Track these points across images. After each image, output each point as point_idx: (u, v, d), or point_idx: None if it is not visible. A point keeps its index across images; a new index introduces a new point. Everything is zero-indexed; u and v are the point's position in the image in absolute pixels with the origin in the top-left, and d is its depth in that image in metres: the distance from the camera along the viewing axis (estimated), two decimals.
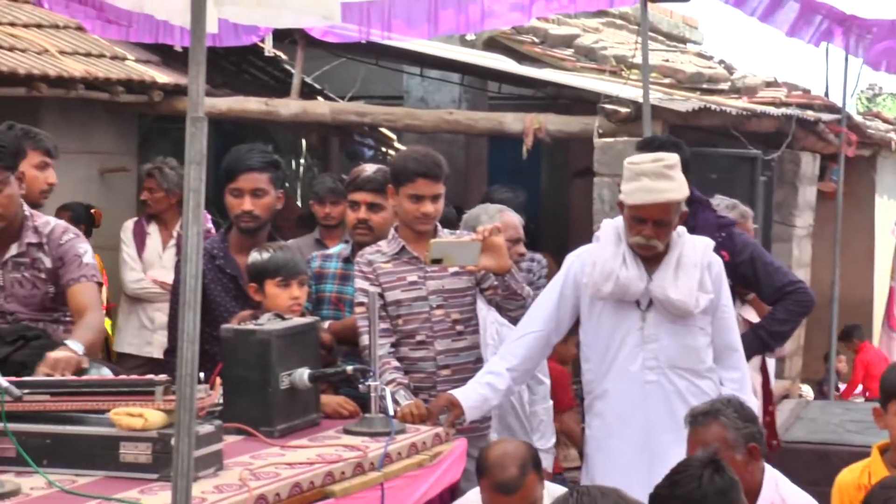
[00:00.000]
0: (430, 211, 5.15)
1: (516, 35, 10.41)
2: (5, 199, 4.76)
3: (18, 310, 4.90)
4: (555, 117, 8.61)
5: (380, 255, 5.20)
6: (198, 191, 3.46)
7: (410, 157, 5.23)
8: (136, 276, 7.97)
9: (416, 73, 11.37)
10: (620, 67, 9.70)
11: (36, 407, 4.06)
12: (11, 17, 8.79)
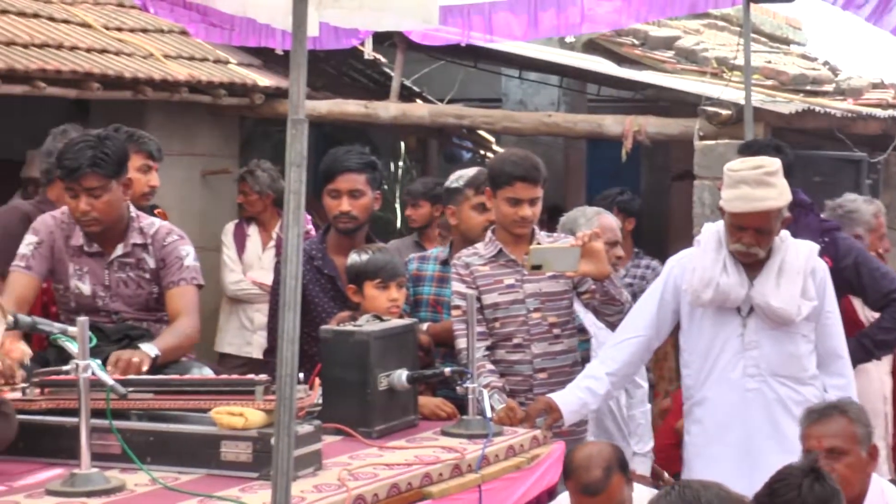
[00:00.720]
0: (527, 214, 5.14)
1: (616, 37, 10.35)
2: (103, 205, 4.85)
3: (123, 309, 4.98)
4: (655, 120, 8.55)
5: (477, 257, 5.20)
6: (298, 192, 3.50)
7: (508, 160, 5.23)
8: (235, 278, 8.08)
9: (515, 76, 11.36)
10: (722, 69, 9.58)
11: (140, 405, 4.14)
12: (118, 22, 8.95)
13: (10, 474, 4.00)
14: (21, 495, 3.77)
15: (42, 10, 8.50)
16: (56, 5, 8.74)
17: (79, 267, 4.96)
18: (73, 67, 7.76)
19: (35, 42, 7.89)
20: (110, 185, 4.84)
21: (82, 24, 8.62)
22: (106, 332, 4.78)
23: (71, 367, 3.86)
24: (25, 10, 8.38)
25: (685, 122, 8.37)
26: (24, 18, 8.25)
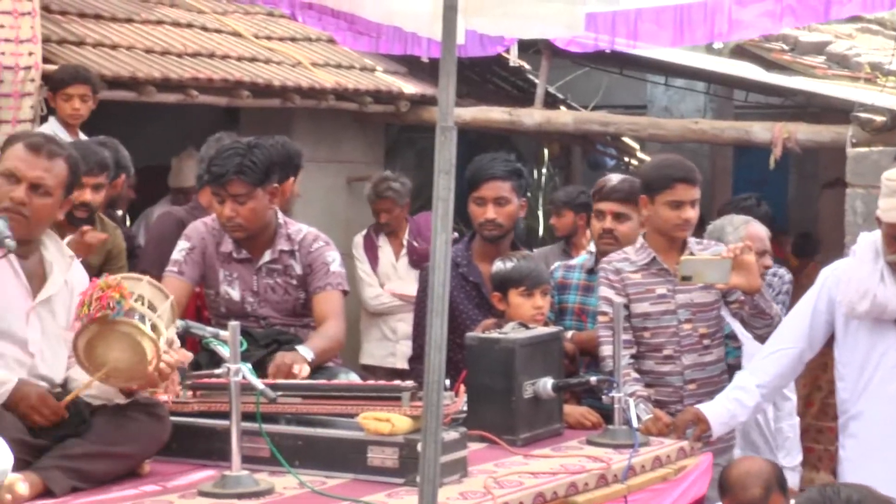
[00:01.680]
0: (690, 217, 5.05)
1: (765, 42, 10.18)
2: (248, 212, 4.93)
3: (271, 314, 5.06)
4: (805, 126, 8.37)
5: (628, 263, 5.13)
6: (446, 199, 3.50)
7: (665, 164, 5.16)
8: (374, 293, 8.09)
9: (661, 83, 11.25)
10: (875, 75, 9.35)
11: (289, 409, 4.20)
12: (268, 31, 9.10)
13: (164, 475, 4.09)
14: (174, 495, 3.85)
15: (195, 21, 8.69)
16: (209, 15, 8.92)
17: (228, 273, 5.05)
18: (225, 76, 7.91)
19: (188, 51, 8.06)
20: (255, 192, 4.91)
21: (233, 34, 8.79)
22: (255, 336, 4.86)
23: (222, 371, 3.93)
24: (180, 20, 8.57)
25: (837, 128, 8.18)
26: (179, 28, 8.45)
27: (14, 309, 4.02)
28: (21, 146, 4.07)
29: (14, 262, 4.00)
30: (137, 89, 7.46)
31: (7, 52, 6.79)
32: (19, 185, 4.01)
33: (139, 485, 3.98)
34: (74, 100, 6.49)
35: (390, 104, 9.10)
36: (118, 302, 3.81)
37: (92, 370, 3.89)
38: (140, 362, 3.85)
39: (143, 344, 3.84)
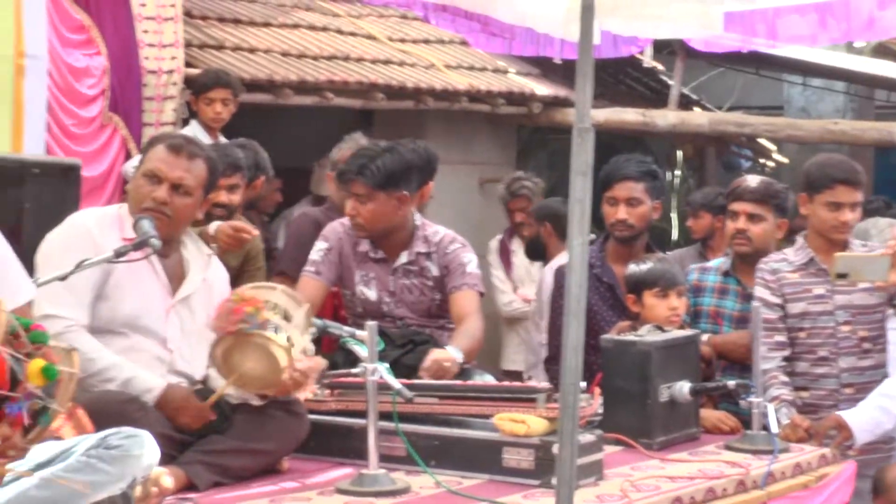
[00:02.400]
0: (848, 219, 4.96)
1: None
2: (367, 213, 4.98)
3: (407, 315, 5.09)
4: None
5: (785, 263, 5.04)
6: (582, 201, 3.49)
7: (828, 164, 5.07)
8: (507, 299, 8.09)
9: (798, 83, 11.07)
10: None
11: (425, 409, 4.22)
12: (402, 34, 9.18)
13: (302, 472, 4.16)
14: (313, 492, 3.91)
15: (331, 24, 8.80)
16: (344, 19, 9.03)
17: (365, 273, 5.10)
18: (359, 78, 8.00)
19: (324, 54, 8.17)
20: (376, 195, 4.96)
21: (368, 37, 8.88)
22: (392, 336, 4.90)
23: (360, 370, 3.97)
24: (315, 23, 8.69)
25: None
26: (315, 32, 8.57)
27: (154, 307, 4.12)
28: (162, 147, 4.17)
29: (154, 261, 4.10)
30: (274, 92, 7.58)
31: (151, 57, 6.97)
32: (161, 185, 4.11)
33: (278, 481, 4.04)
34: (216, 104, 6.62)
35: (523, 106, 9.10)
36: (252, 315, 3.90)
37: (227, 374, 3.99)
38: (274, 372, 3.94)
39: (277, 354, 3.91)
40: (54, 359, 2.83)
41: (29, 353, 2.80)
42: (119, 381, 3.94)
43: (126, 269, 4.02)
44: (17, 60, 6.22)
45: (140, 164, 4.22)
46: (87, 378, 3.91)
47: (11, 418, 2.76)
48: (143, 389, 3.97)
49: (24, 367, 2.76)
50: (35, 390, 2.78)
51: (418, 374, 4.56)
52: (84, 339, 3.93)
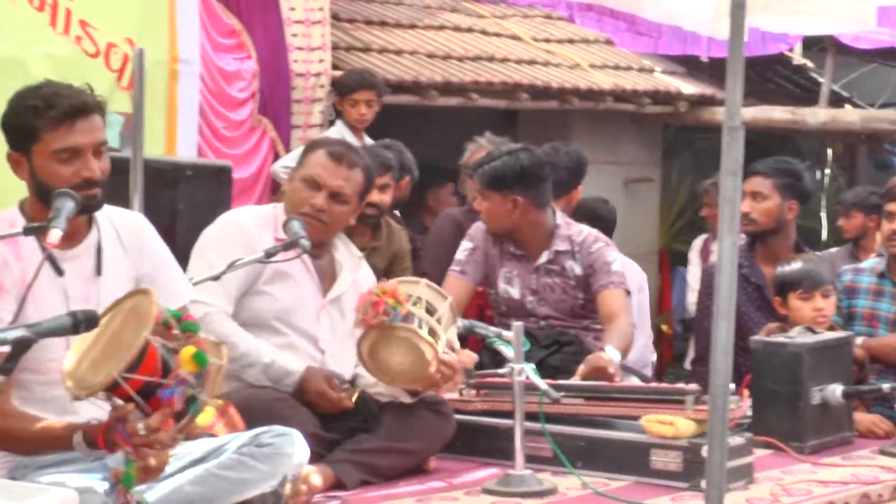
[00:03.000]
0: None
1: None
2: (484, 212, 5.05)
3: (551, 314, 5.07)
4: None
5: None
6: (733, 201, 3.43)
7: None
8: (694, 298, 7.99)
9: None
10: None
11: (571, 410, 4.20)
12: (546, 34, 9.16)
13: (449, 471, 4.17)
14: (460, 492, 3.92)
15: (475, 25, 8.82)
16: (488, 20, 9.04)
17: (508, 270, 5.10)
18: (504, 79, 8.00)
19: (469, 55, 8.19)
20: (488, 194, 5.00)
21: (512, 37, 8.87)
22: (537, 337, 4.89)
23: (506, 371, 3.97)
24: (461, 25, 8.72)
25: None
26: (459, 33, 8.60)
27: (307, 306, 4.17)
28: (323, 154, 4.20)
29: (307, 261, 4.15)
30: (420, 93, 7.63)
31: (299, 60, 7.07)
32: (320, 192, 4.15)
33: (425, 481, 4.06)
34: (360, 105, 6.68)
35: (668, 105, 9.00)
36: (393, 307, 3.91)
37: (376, 373, 4.01)
38: (420, 365, 3.94)
39: (422, 347, 3.92)
40: (205, 347, 2.88)
41: (180, 343, 2.85)
42: (260, 366, 4.00)
43: (279, 267, 4.08)
44: (171, 65, 6.36)
45: (298, 167, 4.26)
46: (229, 362, 3.97)
47: (164, 402, 2.80)
48: (284, 373, 4.02)
49: (175, 356, 2.81)
50: (187, 377, 2.82)
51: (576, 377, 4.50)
52: (226, 324, 4.00)
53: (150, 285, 3.34)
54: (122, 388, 2.75)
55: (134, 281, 3.37)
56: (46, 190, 3.18)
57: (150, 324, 2.77)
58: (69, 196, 3.08)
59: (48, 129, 3.15)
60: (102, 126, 3.21)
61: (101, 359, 2.84)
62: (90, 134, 3.17)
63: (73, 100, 3.16)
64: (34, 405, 3.20)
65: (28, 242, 3.19)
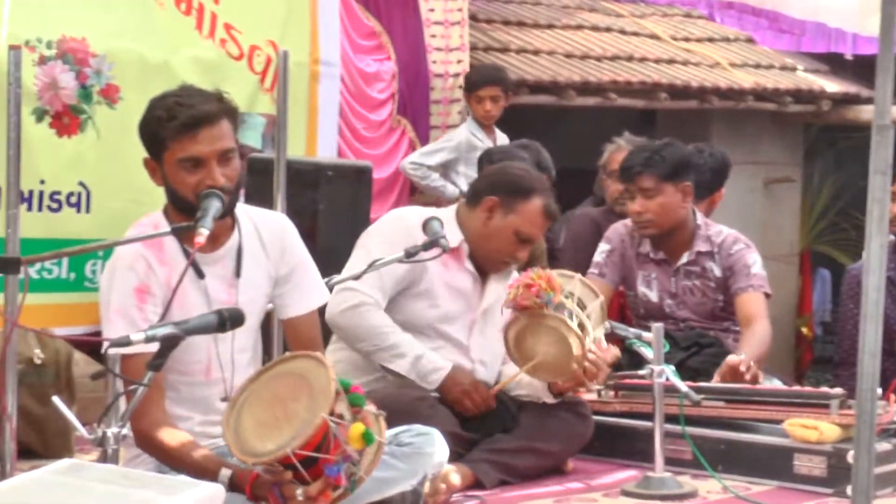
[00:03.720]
0: None
1: None
2: (657, 207, 4.94)
3: (690, 317, 5.01)
4: None
5: None
6: (881, 201, 3.33)
7: None
8: None
9: None
10: None
11: (712, 412, 4.14)
12: (686, 33, 9.04)
13: (587, 472, 4.15)
14: (598, 493, 3.90)
15: (614, 24, 8.75)
16: (627, 19, 8.96)
17: (646, 273, 5.05)
18: (643, 78, 7.92)
19: (607, 55, 8.13)
20: (663, 187, 4.89)
21: (651, 36, 8.78)
22: (676, 338, 4.83)
23: (646, 372, 3.93)
24: (599, 24, 8.66)
25: None
26: (598, 32, 8.54)
27: (461, 315, 4.18)
28: (540, 210, 4.15)
29: (470, 269, 4.15)
30: (558, 93, 7.59)
31: (438, 61, 7.09)
32: (525, 246, 4.20)
33: (563, 481, 4.05)
34: (486, 102, 6.67)
35: (811, 104, 8.81)
36: (547, 292, 3.86)
37: (521, 361, 3.97)
38: (566, 358, 3.89)
39: (570, 339, 3.87)
40: (369, 423, 2.87)
41: (342, 414, 2.84)
42: (409, 358, 4.02)
43: (440, 273, 4.09)
44: (312, 67, 6.43)
45: (509, 209, 4.14)
46: (378, 352, 4.01)
47: (330, 480, 2.81)
48: (431, 368, 4.03)
49: (343, 430, 2.80)
50: (353, 454, 2.82)
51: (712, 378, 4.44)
52: (378, 315, 4.03)
53: (287, 286, 3.39)
54: (290, 459, 2.76)
55: (272, 282, 3.41)
56: (177, 197, 3.23)
57: (328, 405, 2.77)
58: (215, 196, 3.12)
59: (172, 139, 3.19)
60: (229, 132, 3.22)
61: (270, 423, 2.84)
62: (213, 143, 3.18)
63: (194, 110, 3.17)
64: (181, 405, 3.27)
65: (172, 247, 3.25)
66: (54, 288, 5.40)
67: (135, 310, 3.17)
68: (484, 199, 4.15)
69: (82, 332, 5.31)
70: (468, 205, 4.22)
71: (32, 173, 5.14)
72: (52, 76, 5.34)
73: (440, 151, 6.72)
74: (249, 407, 2.90)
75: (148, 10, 5.68)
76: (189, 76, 5.64)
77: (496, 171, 4.34)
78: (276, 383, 2.92)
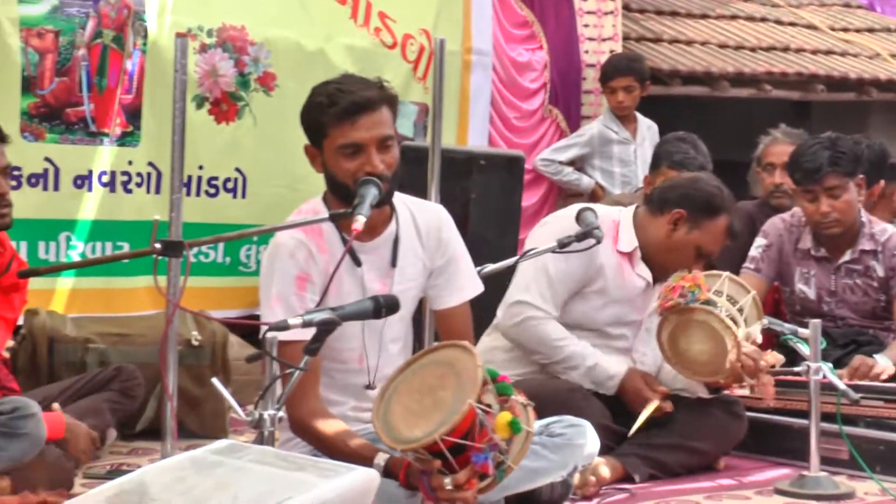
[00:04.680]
0: None
1: None
2: (843, 205, 4.75)
3: (848, 315, 4.88)
4: None
5: None
6: None
7: None
8: None
9: None
10: None
11: (870, 412, 4.03)
12: (844, 23, 8.85)
13: (739, 470, 4.08)
14: (751, 491, 3.83)
15: (769, 14, 8.61)
16: (783, 9, 8.80)
17: (805, 270, 4.93)
18: (798, 69, 7.77)
19: (762, 45, 8.00)
20: (848, 184, 4.75)
21: (808, 26, 8.61)
22: (833, 336, 4.72)
23: (801, 369, 3.84)
24: (754, 14, 8.53)
25: None
26: (752, 23, 8.40)
27: (631, 320, 4.14)
28: (724, 228, 4.08)
29: (648, 278, 4.11)
30: (711, 84, 7.49)
31: (590, 51, 7.05)
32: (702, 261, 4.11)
33: (715, 478, 3.99)
34: (619, 92, 6.60)
35: None
36: (691, 290, 3.81)
37: (677, 365, 3.93)
38: (720, 354, 3.82)
39: (721, 332, 3.80)
40: (517, 412, 2.86)
41: (489, 403, 2.83)
42: (583, 369, 4.00)
43: (615, 275, 4.06)
44: (465, 56, 6.44)
45: (697, 224, 4.07)
46: (553, 364, 4.00)
47: (477, 468, 2.80)
48: (606, 377, 4.01)
49: (490, 419, 2.79)
50: (500, 442, 2.81)
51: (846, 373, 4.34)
52: (550, 327, 4.01)
53: (441, 278, 3.39)
54: (437, 446, 2.77)
55: (427, 273, 3.42)
56: (336, 184, 3.24)
57: (475, 392, 2.77)
58: (372, 183, 3.12)
59: (333, 125, 3.19)
60: (389, 120, 3.22)
61: (418, 411, 2.85)
62: (373, 129, 3.18)
63: (355, 96, 3.18)
64: (334, 391, 3.30)
65: (330, 234, 3.27)
66: (210, 272, 5.51)
67: (294, 297, 3.19)
68: (671, 211, 4.08)
69: (236, 315, 5.42)
70: (650, 211, 4.14)
71: (192, 159, 5.24)
72: (212, 64, 5.44)
73: (572, 147, 6.69)
74: (398, 395, 2.91)
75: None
76: (343, 64, 5.71)
77: (688, 184, 4.22)
78: (424, 372, 2.93)
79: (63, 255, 5.05)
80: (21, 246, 4.78)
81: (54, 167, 5.00)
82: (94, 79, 5.05)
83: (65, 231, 5.07)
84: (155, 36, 5.19)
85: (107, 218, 5.16)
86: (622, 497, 3.72)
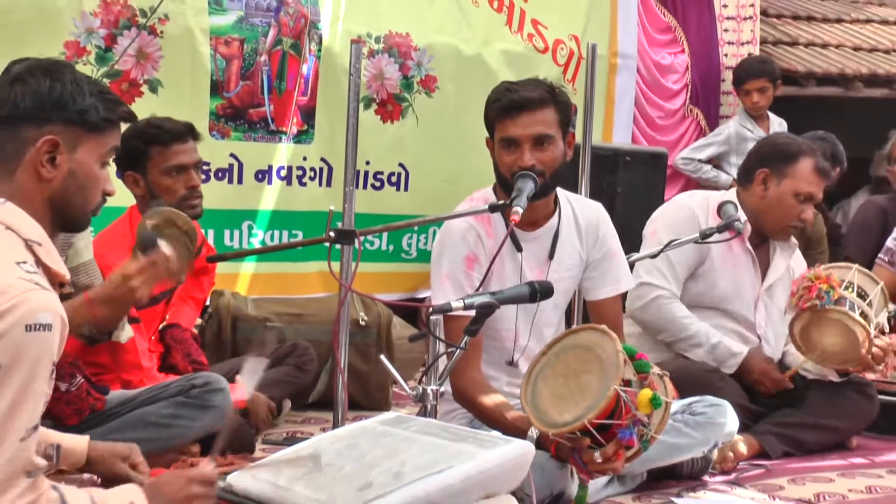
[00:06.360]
0: None
1: None
2: None
3: None
4: None
5: None
6: None
7: None
8: None
9: None
10: None
11: None
12: None
13: (871, 449, 3.99)
14: (883, 470, 3.74)
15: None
16: None
17: None
18: None
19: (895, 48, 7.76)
20: None
21: None
22: None
23: None
24: (888, 18, 8.30)
25: None
26: (886, 26, 8.18)
27: (745, 293, 4.05)
28: (811, 168, 3.97)
29: (752, 251, 4.03)
30: (845, 85, 7.29)
31: (729, 54, 6.94)
32: (810, 205, 3.98)
33: (847, 457, 3.89)
34: (753, 94, 6.47)
35: None
36: (826, 292, 3.74)
37: (807, 353, 3.85)
38: (852, 347, 3.76)
39: (854, 329, 3.73)
40: (656, 387, 2.84)
41: (629, 380, 2.82)
42: (707, 346, 3.94)
43: (723, 254, 3.99)
44: (611, 59, 6.40)
45: (780, 173, 4.00)
46: (677, 342, 3.95)
47: (622, 442, 2.80)
48: (728, 354, 3.94)
49: (632, 397, 2.78)
50: (642, 417, 2.80)
51: None
52: (676, 306, 3.96)
53: (597, 271, 3.38)
54: (586, 427, 2.77)
55: (583, 266, 3.40)
56: (499, 175, 3.26)
57: (618, 376, 2.76)
58: (529, 177, 3.12)
59: (496, 120, 3.22)
60: (551, 121, 3.20)
61: (566, 395, 2.85)
62: (528, 127, 3.18)
63: (516, 95, 3.19)
64: (492, 367, 3.32)
65: (498, 222, 3.29)
66: (375, 258, 5.58)
67: (463, 275, 3.22)
68: (756, 174, 4.01)
69: (397, 297, 5.47)
70: (742, 185, 4.09)
71: (360, 155, 5.25)
72: (379, 68, 5.50)
73: (710, 146, 6.59)
74: (544, 379, 2.91)
75: (465, 8, 5.77)
76: (499, 68, 5.71)
77: (760, 145, 4.20)
78: (567, 356, 2.91)
79: (245, 242, 5.16)
80: (209, 233, 4.89)
81: (238, 162, 5.11)
82: (274, 82, 5.14)
83: (247, 220, 5.18)
84: (328, 43, 5.27)
85: (284, 208, 5.25)
86: (758, 472, 3.65)
